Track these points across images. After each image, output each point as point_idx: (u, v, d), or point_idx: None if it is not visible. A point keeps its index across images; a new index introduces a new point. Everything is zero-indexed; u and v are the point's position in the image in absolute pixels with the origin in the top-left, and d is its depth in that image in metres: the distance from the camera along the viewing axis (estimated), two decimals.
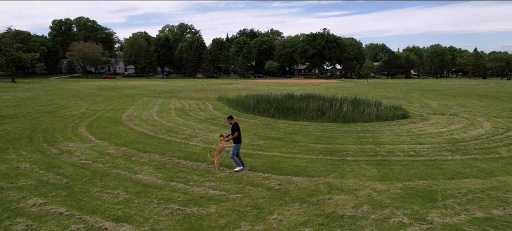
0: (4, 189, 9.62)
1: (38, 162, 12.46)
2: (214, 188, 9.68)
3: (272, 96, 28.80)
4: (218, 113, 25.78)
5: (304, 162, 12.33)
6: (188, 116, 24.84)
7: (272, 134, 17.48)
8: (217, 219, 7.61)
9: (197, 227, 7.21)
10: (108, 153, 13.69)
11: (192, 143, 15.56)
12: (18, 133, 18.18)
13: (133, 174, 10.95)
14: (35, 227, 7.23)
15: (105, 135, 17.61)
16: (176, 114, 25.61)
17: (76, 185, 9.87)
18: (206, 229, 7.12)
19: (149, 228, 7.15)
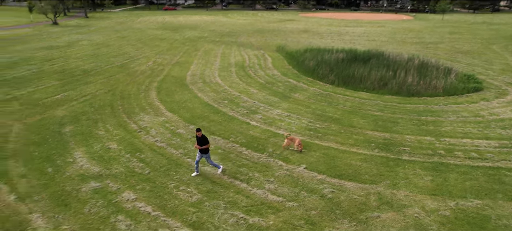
0: (103, 177, 12.01)
1: (123, 141, 14.83)
2: (273, 191, 11.09)
3: (333, 56, 28.45)
4: (277, 75, 26.51)
5: (359, 159, 13.08)
6: (248, 77, 25.95)
7: (329, 112, 18.05)
8: None
9: None
10: (179, 134, 15.65)
11: (253, 122, 16.91)
12: (101, 97, 20.99)
13: (202, 165, 12.73)
14: (133, 228, 9.35)
15: (174, 104, 19.64)
16: (236, 74, 26.87)
17: (157, 177, 11.94)
18: None
19: None
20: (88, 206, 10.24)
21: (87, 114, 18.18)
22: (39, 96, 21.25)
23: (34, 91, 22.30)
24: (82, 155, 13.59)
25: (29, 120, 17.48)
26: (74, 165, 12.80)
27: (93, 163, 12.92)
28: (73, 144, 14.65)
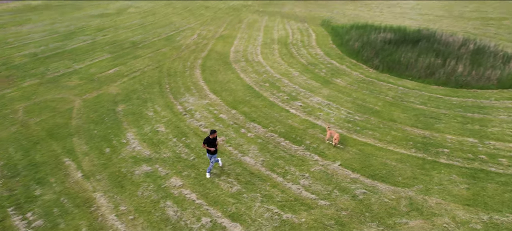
0: (153, 161, 13.55)
1: (170, 124, 16.27)
2: (307, 187, 12.00)
3: (380, 36, 27.74)
4: (320, 55, 26.55)
5: (395, 159, 13.48)
6: (290, 56, 26.29)
7: (370, 103, 18.20)
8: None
9: None
10: (221, 119, 16.81)
11: (292, 110, 17.62)
12: (149, 74, 22.58)
13: (242, 155, 13.87)
14: (179, 214, 10.78)
15: (217, 85, 20.74)
16: (279, 52, 27.27)
17: (200, 165, 13.26)
18: None
19: None
20: (140, 189, 11.79)
21: (137, 93, 19.81)
22: (94, 71, 23.27)
23: (90, 66, 24.38)
24: (134, 136, 15.21)
25: (87, 96, 19.44)
26: (127, 146, 14.44)
27: (144, 145, 14.48)
28: (126, 124, 16.32)
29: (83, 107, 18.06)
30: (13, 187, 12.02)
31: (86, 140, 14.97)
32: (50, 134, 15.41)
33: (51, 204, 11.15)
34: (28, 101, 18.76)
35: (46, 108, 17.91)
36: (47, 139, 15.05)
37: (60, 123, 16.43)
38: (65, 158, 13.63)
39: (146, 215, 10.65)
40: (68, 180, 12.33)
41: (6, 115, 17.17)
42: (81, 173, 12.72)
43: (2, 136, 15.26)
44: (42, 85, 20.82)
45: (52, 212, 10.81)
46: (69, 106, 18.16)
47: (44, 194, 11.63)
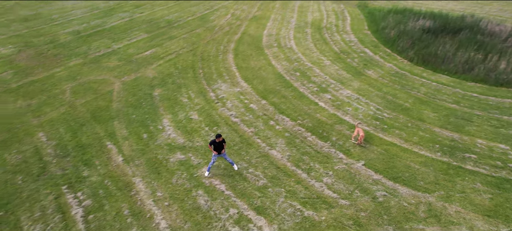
0: (186, 149, 14.81)
1: (203, 112, 17.41)
2: (329, 186, 12.83)
3: (418, 24, 27.12)
4: (354, 42, 26.51)
5: (419, 162, 13.92)
6: (323, 42, 26.45)
7: (400, 99, 18.35)
8: (324, 229, 11.02)
9: None
10: (251, 109, 17.73)
11: (321, 103, 18.21)
12: (184, 57, 23.71)
13: (269, 148, 14.82)
14: (210, 204, 12.01)
15: (249, 72, 21.54)
16: (312, 38, 27.48)
17: (230, 155, 14.35)
18: None
19: (278, 227, 11.12)
20: (175, 177, 13.10)
21: (172, 77, 21.05)
22: (132, 52, 24.71)
23: (128, 46, 25.84)
24: (169, 123, 16.50)
25: (126, 79, 20.92)
26: (163, 133, 15.77)
27: (178, 133, 15.75)
28: (162, 110, 17.64)
29: (122, 90, 19.53)
30: (65, 166, 13.71)
31: (126, 124, 16.43)
32: (94, 116, 17.00)
33: (97, 186, 12.71)
34: (73, 81, 20.49)
35: (89, 89, 19.54)
36: (91, 121, 16.65)
37: (102, 105, 17.99)
38: (107, 142, 15.16)
39: (179, 202, 11.95)
40: (110, 163, 13.85)
41: (56, 95, 18.97)
42: (122, 157, 14.19)
43: (53, 116, 17.02)
44: (85, 66, 22.51)
45: (98, 193, 12.36)
46: (110, 88, 19.69)
47: (91, 175, 13.22)
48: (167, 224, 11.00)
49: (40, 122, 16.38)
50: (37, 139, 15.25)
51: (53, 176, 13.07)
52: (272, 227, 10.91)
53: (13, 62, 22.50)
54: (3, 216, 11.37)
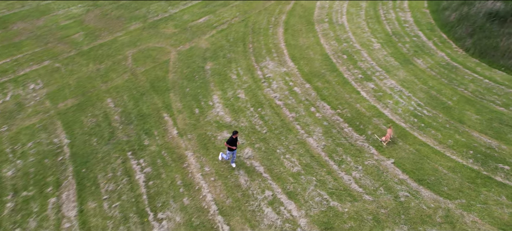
0: (232, 128, 17.25)
1: (249, 92, 19.52)
2: (357, 180, 14.76)
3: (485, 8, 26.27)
4: (409, 22, 26.48)
5: (448, 167, 15.25)
6: (376, 21, 26.74)
7: (445, 96, 19.01)
8: (345, 221, 13.18)
9: (330, 225, 13.04)
10: (294, 93, 19.55)
11: (363, 93, 19.57)
12: (236, 28, 25.52)
13: (307, 136, 16.82)
14: (249, 184, 14.54)
15: (297, 51, 22.98)
16: (366, 14, 27.82)
17: (270, 139, 16.60)
18: (336, 229, 12.86)
19: (305, 213, 13.45)
20: (221, 154, 15.65)
21: (223, 50, 23.16)
22: (187, 18, 26.94)
23: (184, 11, 28.06)
24: (218, 99, 18.89)
25: (181, 48, 23.39)
26: (213, 110, 18.24)
27: (226, 111, 18.14)
28: (213, 85, 20.01)
29: (178, 60, 22.06)
30: (129, 133, 16.78)
31: (180, 97, 19.08)
32: (153, 86, 19.81)
33: (156, 155, 15.65)
34: (134, 47, 23.33)
35: (148, 57, 22.28)
36: (150, 91, 19.48)
37: (159, 75, 20.72)
38: (164, 113, 17.96)
39: (223, 179, 14.58)
40: (167, 135, 16.69)
41: (119, 61, 21.98)
42: (177, 130, 16.95)
43: (118, 83, 20.08)
44: (144, 31, 25.21)
45: (157, 162, 15.31)
46: (166, 58, 22.30)
47: (151, 145, 16.17)
48: (212, 198, 13.71)
49: (107, 88, 19.49)
50: (106, 104, 18.40)
51: (120, 142, 16.18)
52: (300, 212, 13.23)
53: (83, 23, 25.72)
54: (85, 172, 14.71)
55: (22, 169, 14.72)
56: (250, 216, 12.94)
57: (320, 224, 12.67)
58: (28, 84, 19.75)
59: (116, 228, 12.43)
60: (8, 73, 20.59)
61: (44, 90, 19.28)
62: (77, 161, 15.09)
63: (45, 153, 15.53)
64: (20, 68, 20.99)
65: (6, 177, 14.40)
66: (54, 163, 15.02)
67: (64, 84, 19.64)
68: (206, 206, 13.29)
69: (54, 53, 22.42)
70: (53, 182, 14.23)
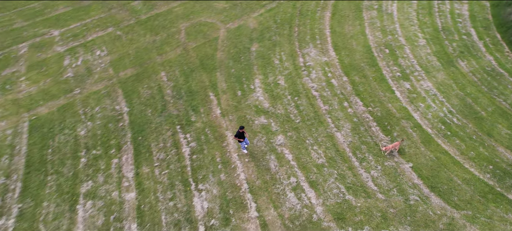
0: (269, 114, 20.05)
1: (289, 79, 21.96)
2: (374, 179, 17.24)
3: None
4: (463, 16, 26.59)
5: (463, 178, 17.14)
6: (428, 13, 27.10)
7: (480, 105, 20.13)
8: (355, 215, 15.90)
9: (343, 215, 15.83)
10: (331, 85, 21.74)
11: (397, 92, 21.35)
12: (284, 9, 27.46)
13: (336, 130, 19.25)
14: (277, 169, 17.51)
15: (340, 39, 24.62)
16: (418, 5, 28.39)
17: (302, 129, 19.22)
18: (347, 220, 15.64)
19: (322, 202, 16.32)
20: (256, 139, 18.61)
21: (270, 32, 25.41)
22: None
23: None
24: (259, 84, 21.53)
25: (230, 26, 25.95)
26: (253, 94, 20.98)
27: (266, 97, 20.82)
28: (256, 68, 22.61)
29: (226, 39, 24.72)
30: (179, 108, 20.08)
31: (225, 77, 21.95)
32: (202, 63, 22.78)
33: (200, 132, 18.89)
34: (187, 21, 26.20)
35: (200, 33, 25.11)
36: (200, 68, 22.49)
37: (208, 53, 23.59)
38: (210, 92, 20.99)
39: (256, 161, 17.61)
40: (211, 114, 19.82)
41: (173, 34, 25.04)
42: (220, 110, 20.00)
43: (171, 57, 23.26)
44: (197, 4, 27.89)
45: (201, 139, 18.58)
46: (216, 35, 25.02)
47: (197, 121, 19.41)
48: (245, 177, 16.85)
49: (162, 61, 22.74)
50: (160, 77, 21.72)
51: (171, 115, 19.55)
52: (318, 200, 16.07)
53: None
54: (141, 140, 18.32)
55: (91, 130, 18.59)
56: (275, 198, 15.96)
57: (334, 213, 15.45)
58: (95, 50, 23.42)
59: (164, 192, 16.00)
60: (79, 38, 24.34)
61: (108, 57, 22.85)
62: (134, 129, 18.68)
63: (109, 118, 19.25)
64: (88, 34, 24.68)
65: (80, 135, 18.34)
66: (116, 128, 18.73)
67: (124, 54, 23.10)
68: (239, 184, 16.46)
69: (117, 20, 25.84)
70: (115, 145, 17.98)
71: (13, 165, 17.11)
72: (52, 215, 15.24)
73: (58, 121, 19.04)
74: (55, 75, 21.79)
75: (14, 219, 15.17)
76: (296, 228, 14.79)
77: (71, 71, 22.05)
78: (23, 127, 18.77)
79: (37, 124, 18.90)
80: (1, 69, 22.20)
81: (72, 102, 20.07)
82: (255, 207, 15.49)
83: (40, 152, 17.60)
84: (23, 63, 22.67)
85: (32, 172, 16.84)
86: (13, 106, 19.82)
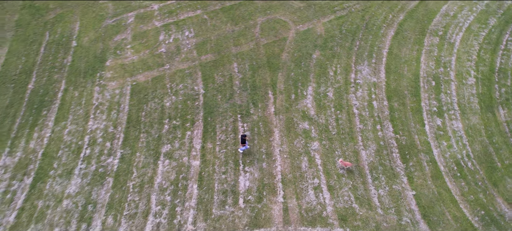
0: (312, 122, 27.10)
1: (337, 93, 28.49)
2: (380, 196, 23.90)
3: None
4: None
5: (454, 214, 23.04)
6: (492, 50, 30.66)
7: (500, 156, 24.77)
8: (355, 220, 22.98)
9: (346, 218, 22.99)
10: (371, 106, 27.91)
11: (427, 126, 26.97)
12: (352, 19, 32.87)
13: (362, 148, 25.87)
14: (307, 169, 24.81)
15: (394, 62, 29.79)
16: (485, 37, 31.94)
17: (335, 140, 26.06)
18: (348, 222, 22.81)
19: (333, 204, 23.56)
20: (296, 140, 25.89)
21: (333, 40, 31.44)
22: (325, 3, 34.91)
23: None
24: (312, 92, 28.23)
25: (300, 28, 32.44)
26: (304, 100, 27.88)
27: (313, 105, 27.67)
28: (312, 76, 29.23)
29: (293, 41, 31.30)
30: (243, 99, 27.70)
31: (284, 79, 28.93)
32: (268, 62, 29.82)
33: (254, 124, 26.48)
34: (264, 15, 32.93)
35: (272, 30, 31.82)
36: (265, 66, 29.59)
37: (275, 52, 30.48)
38: (270, 90, 28.18)
39: (292, 159, 24.99)
40: (266, 110, 27.22)
41: (250, 27, 32.11)
42: (274, 109, 27.30)
43: (244, 50, 30.56)
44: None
45: (254, 130, 26.23)
46: (286, 35, 31.61)
47: (254, 114, 26.97)
48: (280, 169, 24.38)
49: (236, 52, 30.12)
50: (232, 68, 29.25)
51: (235, 104, 27.26)
52: (331, 202, 23.26)
53: None
54: (210, 120, 26.45)
55: (174, 103, 26.93)
56: (299, 191, 23.41)
57: (339, 215, 22.59)
58: (185, 30, 31.35)
59: (219, 166, 24.08)
60: (173, 15, 32.38)
61: (193, 40, 30.73)
62: (206, 110, 26.70)
63: (188, 95, 27.43)
64: (181, 13, 32.55)
65: (165, 106, 26.79)
66: (192, 106, 26.90)
67: (207, 39, 30.78)
68: (275, 174, 24.03)
69: (205, 3, 33.32)
70: (190, 120, 26.22)
71: (119, 118, 26.10)
72: (142, 164, 24.08)
73: (151, 90, 27.59)
74: (152, 48, 30.19)
75: (118, 160, 24.23)
76: (308, 217, 22.23)
77: (164, 47, 30.30)
78: (127, 89, 27.61)
79: (136, 89, 27.63)
80: (114, 35, 31.02)
81: (162, 75, 28.45)
82: (283, 194, 23.04)
83: (137, 113, 26.36)
84: (130, 32, 31.31)
85: (131, 127, 25.72)
86: (121, 70, 28.69)
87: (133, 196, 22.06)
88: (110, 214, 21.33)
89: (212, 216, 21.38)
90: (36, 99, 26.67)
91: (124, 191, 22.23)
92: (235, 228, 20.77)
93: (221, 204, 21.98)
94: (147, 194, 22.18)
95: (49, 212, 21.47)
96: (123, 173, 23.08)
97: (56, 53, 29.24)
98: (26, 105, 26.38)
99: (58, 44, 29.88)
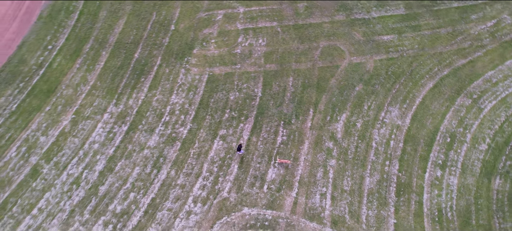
0: (336, 143, 38.46)
1: (363, 126, 39.29)
2: (368, 216, 35.19)
3: None
4: None
5: None
6: None
7: (478, 216, 34.58)
8: (344, 227, 34.59)
9: (336, 223, 34.65)
10: (388, 144, 38.59)
11: (427, 174, 37.30)
12: (400, 63, 42.87)
13: (368, 176, 36.94)
14: (320, 178, 36.47)
15: (422, 112, 39.51)
16: None
17: (348, 163, 37.07)
18: (337, 227, 34.46)
19: (331, 210, 35.24)
20: (320, 154, 37.42)
21: (377, 79, 41.63)
22: (378, 29, 44.81)
23: (381, 19, 45.65)
24: (344, 119, 39.08)
25: (353, 60, 42.95)
26: (336, 124, 38.82)
27: (342, 129, 38.63)
28: (349, 106, 39.98)
29: (344, 71, 41.95)
30: (289, 110, 39.32)
31: (326, 102, 40.06)
32: (318, 84, 40.84)
33: (292, 133, 37.71)
34: (328, 40, 43.60)
35: (329, 56, 42.54)
36: (314, 86, 40.71)
37: (326, 76, 41.41)
38: (311, 108, 39.54)
39: (312, 167, 36.32)
40: (304, 124, 38.61)
41: (312, 49, 43.08)
42: (310, 124, 38.73)
43: (301, 68, 41.84)
44: (342, 26, 44.69)
45: (290, 137, 37.87)
46: (339, 63, 42.26)
47: (294, 124, 38.49)
48: (300, 172, 36.13)
49: (294, 68, 41.42)
50: (288, 81, 40.69)
51: (282, 112, 39.02)
52: (330, 208, 34.78)
53: None
54: (260, 120, 38.62)
55: (237, 98, 39.17)
56: (309, 193, 35.13)
57: (333, 219, 34.06)
58: (259, 38, 43.04)
59: (257, 157, 36.27)
60: (253, 21, 44.19)
61: (264, 48, 42.43)
62: (259, 110, 38.74)
63: (248, 95, 39.52)
64: (260, 21, 44.21)
65: (230, 99, 39.12)
66: (249, 104, 39.03)
67: (275, 50, 42.29)
68: (295, 174, 35.86)
69: (281, 16, 44.53)
70: (245, 115, 38.39)
71: (194, 99, 38.87)
72: (203, 138, 36.78)
73: (222, 82, 39.96)
74: (230, 46, 42.34)
75: (187, 131, 37.15)
76: (309, 214, 34.04)
77: (239, 48, 42.30)
78: (204, 77, 40.19)
79: (211, 79, 40.14)
80: (204, 27, 43.47)
81: (233, 73, 40.64)
82: (296, 191, 34.83)
83: (208, 98, 38.96)
84: (216, 28, 43.58)
85: (201, 108, 38.41)
86: (203, 60, 41.27)
87: (191, 160, 34.90)
88: (173, 168, 34.42)
89: (242, 191, 33.67)
90: (138, 67, 40.11)
91: (186, 154, 35.15)
92: (256, 205, 33.02)
93: (251, 184, 34.20)
94: (201, 162, 34.90)
95: (134, 154, 34.99)
96: (188, 141, 35.95)
97: (158, 32, 42.32)
98: (131, 70, 39.87)
99: (161, 25, 42.90)
